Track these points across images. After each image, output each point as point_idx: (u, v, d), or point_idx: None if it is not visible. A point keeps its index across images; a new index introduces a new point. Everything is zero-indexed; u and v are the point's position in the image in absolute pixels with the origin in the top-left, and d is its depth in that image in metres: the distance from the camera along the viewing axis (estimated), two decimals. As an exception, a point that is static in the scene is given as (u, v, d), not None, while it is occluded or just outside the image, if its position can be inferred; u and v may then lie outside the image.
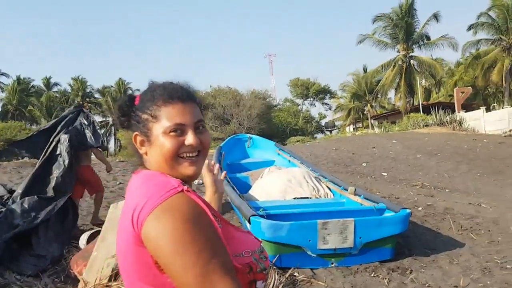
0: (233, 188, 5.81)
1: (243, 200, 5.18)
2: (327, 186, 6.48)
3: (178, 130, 1.06)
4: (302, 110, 52.48)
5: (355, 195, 5.76)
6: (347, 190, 5.92)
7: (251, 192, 6.41)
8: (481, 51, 37.25)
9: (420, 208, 6.99)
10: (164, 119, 1.05)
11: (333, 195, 6.26)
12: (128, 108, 1.11)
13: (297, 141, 29.54)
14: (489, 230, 5.64)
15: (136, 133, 1.09)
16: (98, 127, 6.14)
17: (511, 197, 7.78)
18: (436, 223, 6.16)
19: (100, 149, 6.22)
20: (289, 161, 8.00)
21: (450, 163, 10.97)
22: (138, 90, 1.23)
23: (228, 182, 6.03)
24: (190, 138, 1.06)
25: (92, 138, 5.81)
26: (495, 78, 35.31)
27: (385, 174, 10.11)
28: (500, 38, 35.46)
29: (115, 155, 21.16)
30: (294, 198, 6.02)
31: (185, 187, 0.98)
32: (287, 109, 49.43)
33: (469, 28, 37.15)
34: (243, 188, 6.57)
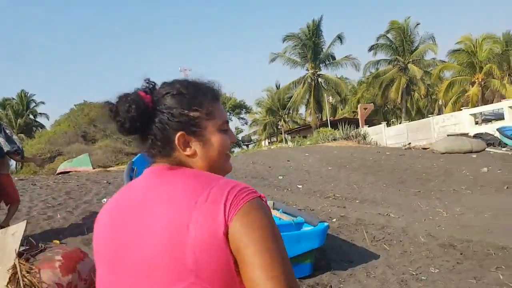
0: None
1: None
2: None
3: (226, 127, 1.04)
4: (218, 124, 52.29)
5: (273, 209, 5.58)
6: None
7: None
8: (381, 71, 39.91)
9: (334, 220, 7.00)
10: (218, 116, 1.02)
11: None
12: (146, 108, 0.96)
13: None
14: (400, 241, 5.73)
15: (182, 132, 0.97)
16: (11, 133, 5.49)
17: (415, 206, 8.11)
18: (350, 234, 6.17)
19: (18, 153, 5.56)
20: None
21: (358, 175, 11.33)
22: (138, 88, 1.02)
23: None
24: (232, 135, 1.05)
25: (7, 144, 5.20)
26: (393, 95, 37.94)
27: (300, 186, 10.14)
28: (397, 58, 38.29)
29: (16, 172, 19.29)
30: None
31: (261, 194, 0.91)
32: (204, 124, 48.87)
33: (370, 49, 39.67)
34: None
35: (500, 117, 19.74)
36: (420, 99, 43.27)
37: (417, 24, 39.02)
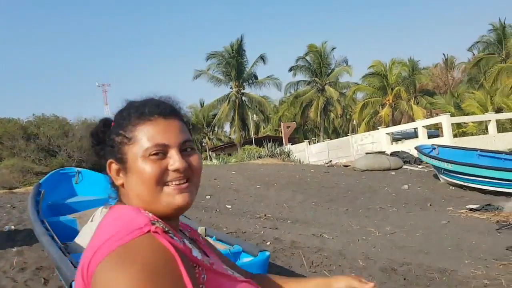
0: (53, 238, 4.35)
1: (64, 255, 3.81)
2: (172, 227, 5.47)
3: (160, 152, 0.87)
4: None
5: (205, 236, 4.88)
6: (197, 230, 5.01)
7: (78, 239, 4.99)
8: (300, 91, 40.92)
9: (268, 243, 6.46)
10: (142, 140, 0.87)
11: (179, 237, 5.29)
12: (103, 133, 0.92)
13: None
14: (339, 265, 5.31)
15: (110, 160, 0.89)
16: None
17: (347, 225, 7.83)
18: (287, 259, 5.64)
19: None
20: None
21: (287, 193, 10.96)
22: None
23: (47, 229, 4.56)
24: (175, 161, 0.87)
25: None
26: (312, 115, 38.96)
27: (229, 206, 9.50)
28: (315, 80, 39.49)
29: None
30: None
31: (153, 227, 0.78)
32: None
33: (290, 70, 40.60)
34: (68, 234, 5.09)
35: (408, 136, 20.98)
36: (335, 118, 44.98)
37: (333, 48, 40.74)
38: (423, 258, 5.48)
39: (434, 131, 26.71)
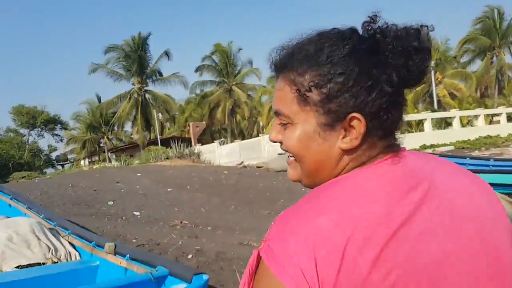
0: None
1: None
2: (70, 243, 4.30)
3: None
4: (28, 141, 45.29)
5: (115, 255, 3.82)
6: (103, 247, 3.91)
7: None
8: (208, 91, 40.10)
9: (190, 256, 5.53)
10: None
11: (81, 256, 4.14)
12: None
13: (23, 177, 24.51)
14: (280, 280, 4.58)
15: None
16: None
17: (274, 230, 7.17)
18: (215, 275, 4.77)
19: None
20: (10, 206, 5.42)
21: (202, 196, 10.06)
22: None
23: None
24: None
25: None
26: (220, 116, 38.33)
27: (137, 213, 8.32)
28: (223, 80, 38.94)
29: None
30: (18, 267, 3.71)
31: None
32: (9, 140, 41.77)
33: (196, 70, 39.57)
34: None
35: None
36: (241, 120, 44.91)
37: (240, 49, 40.56)
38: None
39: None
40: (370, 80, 0.67)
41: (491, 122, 22.66)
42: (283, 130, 0.77)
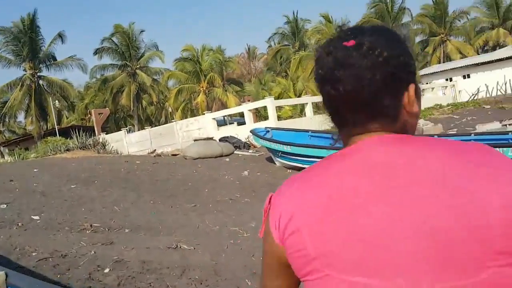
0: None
1: None
2: None
3: None
4: None
5: (8, 287, 2.70)
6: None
7: None
8: (109, 76, 37.23)
9: (107, 270, 4.51)
10: None
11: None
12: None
13: None
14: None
15: (413, 84, 0.77)
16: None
17: (204, 227, 6.30)
18: (147, 295, 3.83)
19: None
20: None
21: (115, 192, 8.78)
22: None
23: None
24: None
25: None
26: (124, 102, 35.82)
27: (37, 217, 6.88)
28: (126, 64, 36.34)
29: None
30: None
31: None
32: None
33: (95, 53, 36.48)
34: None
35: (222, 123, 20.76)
36: (148, 106, 42.65)
37: (142, 31, 38.24)
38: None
39: (240, 118, 27.25)
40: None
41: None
42: None
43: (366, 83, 0.73)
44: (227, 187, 9.11)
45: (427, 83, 30.97)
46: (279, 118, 17.92)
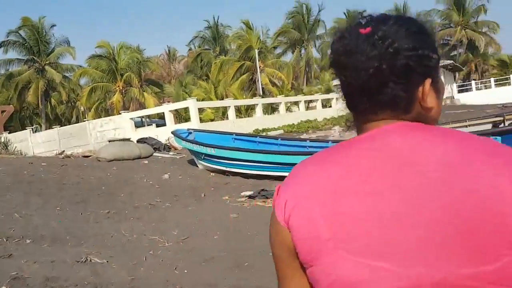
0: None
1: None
2: None
3: None
4: None
5: None
6: None
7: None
8: (15, 71, 33.97)
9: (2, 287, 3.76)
10: None
11: None
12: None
13: None
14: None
15: (430, 79, 0.76)
16: None
17: (119, 236, 5.64)
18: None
19: None
20: None
21: (16, 197, 7.69)
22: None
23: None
24: None
25: None
26: (31, 99, 32.82)
27: None
28: (33, 59, 33.38)
29: None
30: None
31: None
32: None
33: (0, 46, 33.12)
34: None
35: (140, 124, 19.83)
36: (57, 105, 39.56)
37: (53, 25, 35.54)
38: (249, 277, 4.01)
39: (159, 120, 26.30)
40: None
41: (307, 108, 24.46)
42: None
43: (371, 72, 0.72)
44: (146, 192, 8.44)
45: (336, 92, 32.31)
46: (201, 120, 17.42)
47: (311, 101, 25.83)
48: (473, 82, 36.57)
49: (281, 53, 43.14)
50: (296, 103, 24.45)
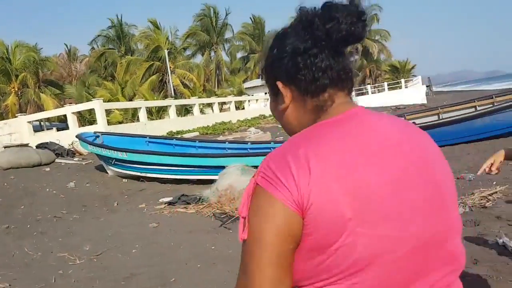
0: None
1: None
2: None
3: None
4: None
5: None
6: None
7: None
8: None
9: None
10: None
11: None
12: None
13: None
14: None
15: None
16: None
17: (21, 255, 4.85)
18: None
19: None
20: None
21: None
22: None
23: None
24: None
25: None
26: None
27: None
28: None
29: None
30: None
31: None
32: None
33: None
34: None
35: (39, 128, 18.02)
36: None
37: None
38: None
39: (59, 124, 24.29)
40: (280, 52, 0.83)
41: (221, 110, 24.26)
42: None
43: None
44: (50, 202, 7.53)
45: (252, 95, 32.73)
46: (108, 123, 16.25)
47: (224, 103, 25.68)
48: (368, 86, 39.28)
49: (190, 55, 42.48)
50: (210, 105, 24.11)
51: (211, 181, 7.98)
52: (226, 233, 5.11)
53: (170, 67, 29.02)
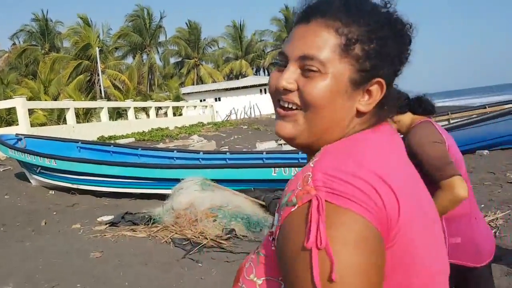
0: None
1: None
2: None
3: (281, 63, 0.73)
4: None
5: None
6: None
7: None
8: None
9: None
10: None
11: None
12: None
13: None
14: None
15: None
16: None
17: None
18: None
19: None
20: None
21: None
22: None
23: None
24: (278, 75, 0.72)
25: None
26: None
27: None
28: None
29: None
30: None
31: None
32: None
33: None
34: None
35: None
36: None
37: None
38: None
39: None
40: (398, 52, 0.72)
41: (157, 115, 22.74)
42: (304, 78, 0.70)
43: None
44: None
45: (186, 101, 31.46)
46: (31, 125, 14.23)
47: (160, 108, 24.18)
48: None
49: (121, 56, 40.17)
50: (145, 110, 22.51)
51: (159, 196, 6.91)
52: (194, 268, 4.11)
53: (100, 67, 26.86)
